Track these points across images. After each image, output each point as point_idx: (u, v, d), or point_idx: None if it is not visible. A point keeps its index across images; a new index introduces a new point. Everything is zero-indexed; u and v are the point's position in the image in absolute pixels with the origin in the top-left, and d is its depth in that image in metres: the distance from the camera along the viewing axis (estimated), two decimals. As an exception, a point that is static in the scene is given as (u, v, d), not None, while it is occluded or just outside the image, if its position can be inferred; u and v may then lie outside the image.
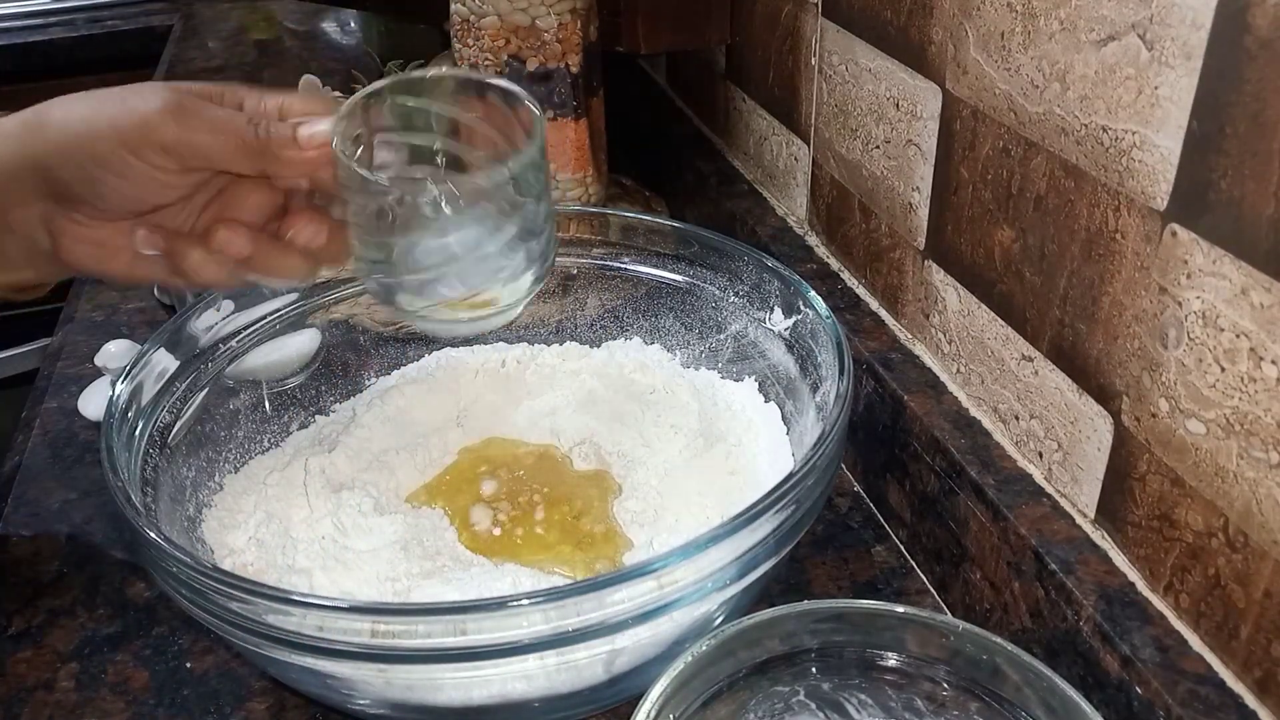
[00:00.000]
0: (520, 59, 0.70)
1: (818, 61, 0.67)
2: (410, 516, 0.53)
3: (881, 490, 0.60)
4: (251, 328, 0.59)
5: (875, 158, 0.62)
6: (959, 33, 0.51)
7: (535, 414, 0.63)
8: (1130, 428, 0.44)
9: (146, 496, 0.48)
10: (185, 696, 0.50)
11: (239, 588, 0.40)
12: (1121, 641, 0.42)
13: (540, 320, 0.68)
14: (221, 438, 0.57)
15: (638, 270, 0.65)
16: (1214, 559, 0.40)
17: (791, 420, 0.58)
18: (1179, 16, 0.38)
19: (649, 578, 0.40)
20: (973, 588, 0.52)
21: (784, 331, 0.58)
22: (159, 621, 0.55)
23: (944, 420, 0.55)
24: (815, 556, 0.58)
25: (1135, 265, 0.42)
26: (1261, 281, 0.36)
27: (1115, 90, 0.41)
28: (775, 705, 0.43)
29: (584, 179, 0.75)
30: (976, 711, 0.41)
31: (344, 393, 0.65)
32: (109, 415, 0.48)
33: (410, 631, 0.39)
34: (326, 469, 0.56)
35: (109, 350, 0.68)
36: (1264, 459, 0.37)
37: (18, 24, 1.51)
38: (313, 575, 0.49)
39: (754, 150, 0.81)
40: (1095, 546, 0.46)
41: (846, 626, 0.43)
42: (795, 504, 0.43)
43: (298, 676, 0.45)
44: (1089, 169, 0.44)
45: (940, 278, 0.57)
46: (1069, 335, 0.47)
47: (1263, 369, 0.37)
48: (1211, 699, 0.39)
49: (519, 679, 0.43)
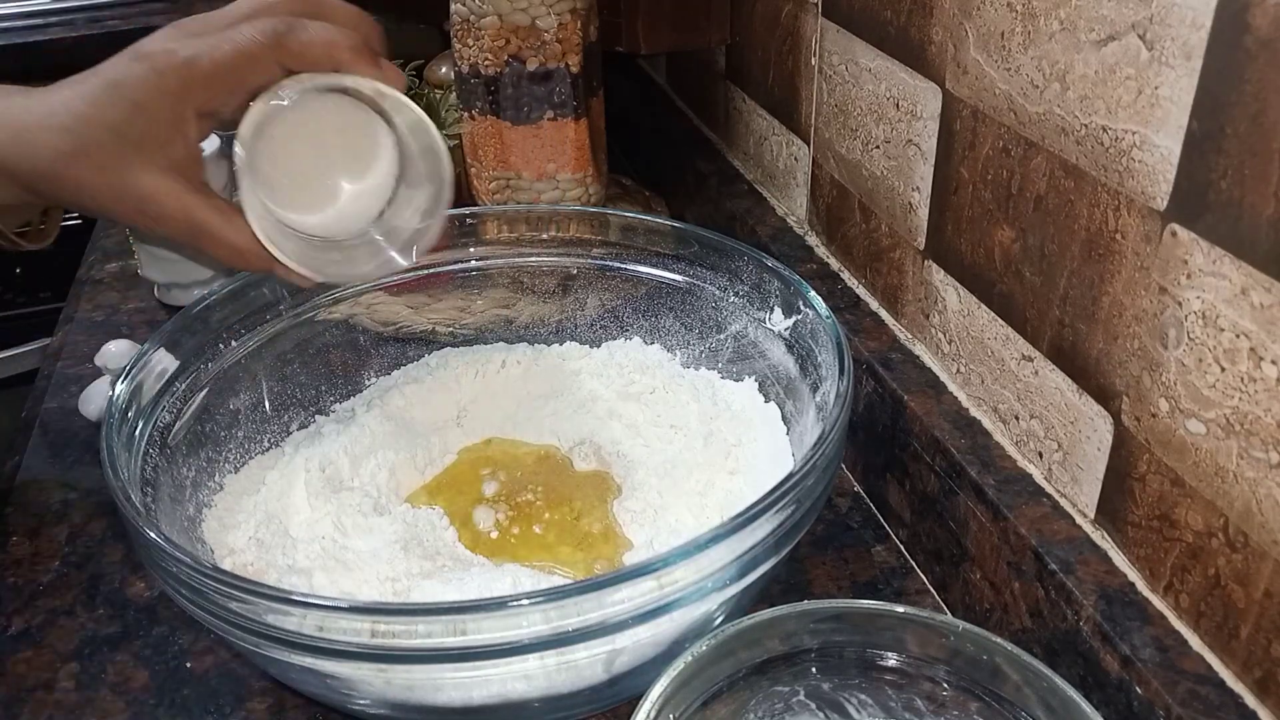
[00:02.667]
0: (520, 59, 0.70)
1: (818, 61, 0.67)
2: (410, 516, 0.53)
3: (881, 490, 0.60)
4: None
5: (875, 158, 0.62)
6: (959, 33, 0.51)
7: (535, 414, 0.63)
8: (1130, 428, 0.44)
9: (146, 496, 0.48)
10: (185, 696, 0.50)
11: (239, 588, 0.40)
12: (1121, 641, 0.42)
13: (540, 320, 0.68)
14: (221, 438, 0.57)
15: (638, 270, 0.65)
16: (1214, 559, 0.40)
17: (791, 420, 0.58)
18: (1179, 16, 0.38)
19: (649, 578, 0.40)
20: (973, 588, 0.52)
21: (784, 331, 0.58)
22: (159, 621, 0.54)
23: (944, 420, 0.55)
24: (815, 556, 0.58)
25: (1135, 265, 0.42)
26: (1261, 281, 0.36)
27: (1115, 90, 0.41)
28: (775, 705, 0.43)
29: (584, 179, 0.75)
30: (976, 711, 0.41)
31: (344, 393, 0.65)
32: (109, 415, 0.48)
33: (410, 631, 0.39)
34: (326, 469, 0.56)
35: (109, 350, 0.68)
36: (1264, 459, 0.37)
37: (18, 24, 1.50)
38: (313, 575, 0.49)
39: (754, 150, 0.81)
40: (1095, 546, 0.46)
41: (846, 626, 0.43)
42: (795, 504, 0.43)
43: (298, 676, 0.45)
44: (1089, 169, 0.44)
45: (940, 278, 0.57)
46: (1069, 335, 0.47)
47: (1263, 369, 0.37)
48: (1211, 699, 0.39)
49: (519, 679, 0.43)
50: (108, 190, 0.45)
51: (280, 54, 0.45)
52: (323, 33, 0.46)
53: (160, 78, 0.45)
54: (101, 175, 0.45)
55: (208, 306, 0.57)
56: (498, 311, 0.69)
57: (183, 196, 0.46)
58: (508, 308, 0.69)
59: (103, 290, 0.85)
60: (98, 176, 0.45)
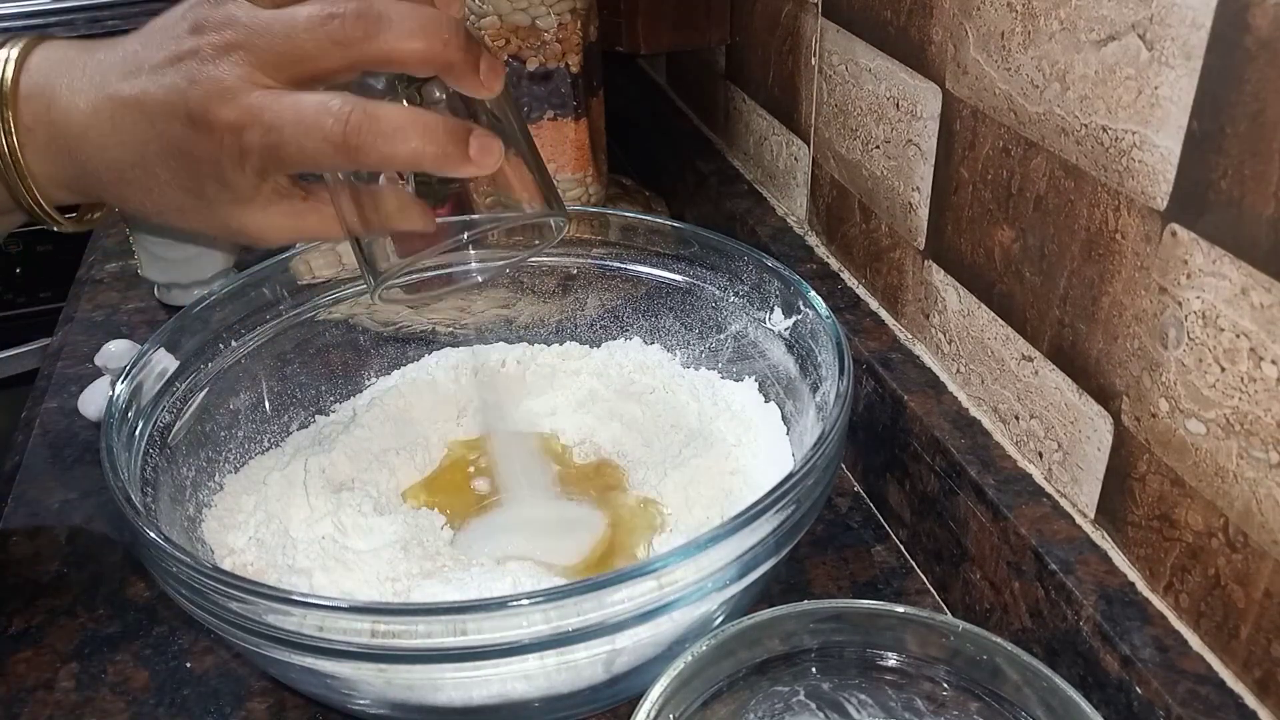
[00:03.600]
0: (520, 59, 0.70)
1: (818, 61, 0.67)
2: (410, 516, 0.53)
3: (881, 490, 0.60)
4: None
5: (875, 158, 0.62)
6: (959, 33, 0.51)
7: (535, 414, 0.63)
8: (1130, 428, 0.44)
9: (146, 496, 0.48)
10: (185, 696, 0.50)
11: (239, 588, 0.40)
12: (1121, 641, 0.42)
13: (540, 320, 0.68)
14: (221, 438, 0.57)
15: (638, 270, 0.65)
16: (1214, 559, 0.40)
17: (791, 420, 0.58)
18: (1179, 16, 0.38)
19: (649, 578, 0.40)
20: (973, 588, 0.52)
21: (784, 331, 0.58)
22: (159, 621, 0.54)
23: (944, 420, 0.55)
24: (815, 556, 0.58)
25: (1135, 265, 0.42)
26: (1261, 281, 0.36)
27: (1115, 90, 0.41)
28: (775, 705, 0.43)
29: (584, 179, 0.75)
30: (976, 711, 0.41)
31: (344, 393, 0.65)
32: (109, 415, 0.48)
33: (410, 631, 0.39)
34: (326, 469, 0.56)
35: (109, 350, 0.68)
36: (1264, 459, 0.37)
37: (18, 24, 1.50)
38: (313, 575, 0.49)
39: (754, 150, 0.81)
40: (1095, 546, 0.46)
41: (846, 626, 0.43)
42: (795, 504, 0.43)
43: (298, 676, 0.45)
44: (1089, 169, 0.44)
45: (940, 278, 0.57)
46: (1069, 335, 0.47)
47: (1263, 369, 0.37)
48: (1211, 699, 0.39)
49: (519, 679, 0.43)
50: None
51: (347, 157, 0.40)
52: (411, 23, 0.39)
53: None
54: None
55: (208, 306, 0.57)
56: (498, 311, 0.69)
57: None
58: (508, 308, 0.69)
59: (103, 290, 0.85)
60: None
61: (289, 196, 0.43)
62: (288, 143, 0.39)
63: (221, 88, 0.39)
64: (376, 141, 0.39)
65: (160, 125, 0.40)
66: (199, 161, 0.41)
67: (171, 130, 0.40)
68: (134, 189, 0.43)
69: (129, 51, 0.42)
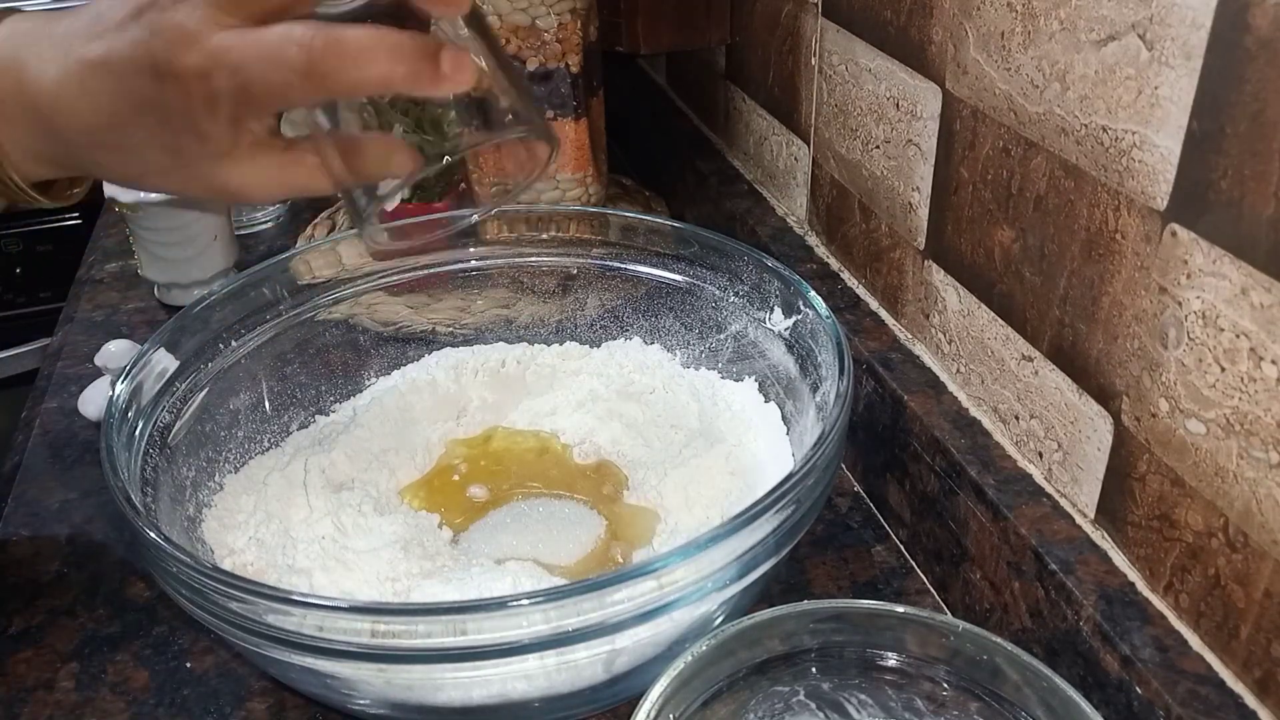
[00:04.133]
0: (520, 59, 0.70)
1: (818, 61, 0.67)
2: (410, 516, 0.53)
3: (881, 490, 0.60)
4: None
5: (875, 158, 0.62)
6: (959, 33, 0.51)
7: (535, 414, 0.63)
8: (1130, 428, 0.44)
9: (146, 496, 0.48)
10: (185, 696, 0.50)
11: (239, 588, 0.40)
12: (1121, 641, 0.42)
13: (540, 320, 0.68)
14: (221, 438, 0.57)
15: (638, 270, 0.65)
16: (1214, 559, 0.40)
17: (791, 420, 0.58)
18: (1179, 16, 0.38)
19: (649, 578, 0.40)
20: (973, 588, 0.52)
21: (784, 331, 0.58)
22: (159, 621, 0.54)
23: (944, 420, 0.55)
24: (815, 556, 0.58)
25: (1135, 265, 0.42)
26: (1261, 281, 0.36)
27: (1115, 90, 0.41)
28: (775, 705, 0.43)
29: (584, 179, 0.75)
30: (976, 711, 0.41)
31: (344, 393, 0.65)
32: (109, 415, 0.48)
33: (410, 631, 0.39)
34: (326, 469, 0.56)
35: (109, 350, 0.68)
36: (1264, 459, 0.37)
37: None
38: (313, 575, 0.49)
39: (754, 150, 0.81)
40: (1095, 546, 0.46)
41: (846, 626, 0.43)
42: (795, 504, 0.43)
43: (298, 676, 0.45)
44: (1089, 169, 0.44)
45: (940, 278, 0.57)
46: (1069, 335, 0.47)
47: (1263, 369, 0.37)
48: (1211, 699, 0.39)
49: (519, 679, 0.43)
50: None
51: (315, 85, 0.38)
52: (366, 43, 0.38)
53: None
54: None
55: (208, 306, 0.57)
56: (498, 311, 0.69)
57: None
58: (508, 308, 0.69)
59: (103, 290, 0.85)
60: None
61: (269, 148, 0.42)
62: (255, 80, 0.39)
63: (183, 33, 0.39)
64: (344, 65, 0.38)
65: (129, 82, 0.40)
66: (171, 114, 0.40)
67: (140, 86, 0.40)
68: (111, 153, 0.42)
69: (93, 14, 0.41)
